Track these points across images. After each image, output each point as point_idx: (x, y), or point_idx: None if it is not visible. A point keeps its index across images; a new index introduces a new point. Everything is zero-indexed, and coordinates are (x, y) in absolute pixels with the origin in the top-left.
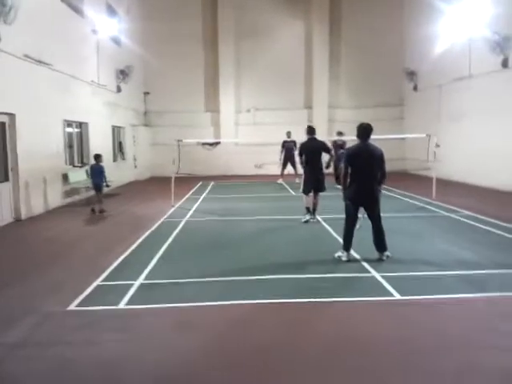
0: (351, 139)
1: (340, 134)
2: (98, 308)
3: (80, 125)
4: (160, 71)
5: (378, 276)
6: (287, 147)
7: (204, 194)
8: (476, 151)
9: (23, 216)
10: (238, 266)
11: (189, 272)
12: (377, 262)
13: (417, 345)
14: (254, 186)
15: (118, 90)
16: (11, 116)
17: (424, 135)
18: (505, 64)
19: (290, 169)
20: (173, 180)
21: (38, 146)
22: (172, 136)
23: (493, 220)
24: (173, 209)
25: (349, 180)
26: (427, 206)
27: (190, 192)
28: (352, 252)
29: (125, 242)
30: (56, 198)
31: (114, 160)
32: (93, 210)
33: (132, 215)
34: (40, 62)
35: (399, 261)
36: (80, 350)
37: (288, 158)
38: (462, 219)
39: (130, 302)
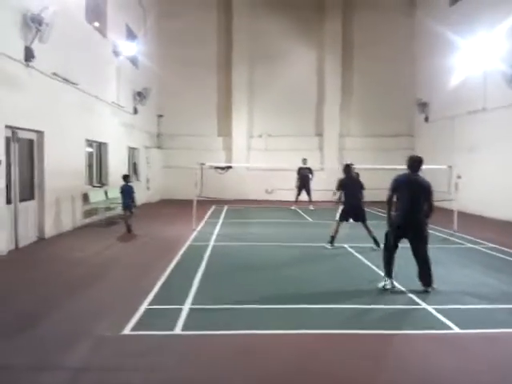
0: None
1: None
2: (153, 333)
3: (99, 145)
4: (174, 94)
5: (429, 308)
6: (302, 174)
7: (221, 219)
8: (491, 184)
9: (47, 235)
10: (279, 293)
11: (232, 297)
12: (423, 294)
13: (491, 379)
14: (268, 211)
15: (135, 111)
16: (39, 133)
17: (445, 166)
18: None
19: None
20: (194, 203)
21: (63, 164)
22: (184, 159)
23: None
24: (195, 232)
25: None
26: (451, 238)
27: (206, 216)
28: (395, 283)
29: (158, 264)
30: (77, 218)
31: (130, 181)
32: (128, 231)
33: (156, 237)
34: (67, 80)
35: (444, 293)
36: (148, 375)
37: (303, 185)
38: (488, 251)
39: (185, 328)
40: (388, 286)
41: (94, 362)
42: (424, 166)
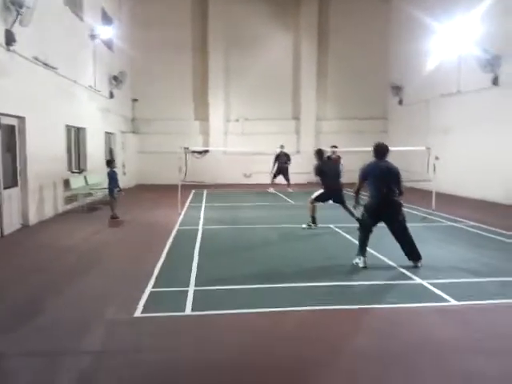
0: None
1: (334, 147)
2: (165, 314)
3: (78, 130)
4: (149, 79)
5: (424, 282)
6: (280, 161)
7: (204, 203)
8: (464, 164)
9: (31, 222)
10: (276, 272)
11: (231, 278)
12: (414, 269)
13: (491, 345)
14: (248, 195)
15: (111, 95)
16: (21, 119)
17: (423, 148)
18: (495, 82)
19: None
20: (179, 188)
21: (44, 150)
22: (159, 144)
23: (497, 229)
24: (181, 216)
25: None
26: (430, 217)
27: (188, 200)
28: (385, 259)
29: (152, 249)
30: (59, 204)
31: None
32: (113, 217)
33: (143, 222)
34: (46, 65)
35: (434, 268)
36: (169, 355)
37: (281, 169)
38: (468, 229)
39: (194, 308)
40: (361, 265)
41: (114, 344)
42: (402, 148)
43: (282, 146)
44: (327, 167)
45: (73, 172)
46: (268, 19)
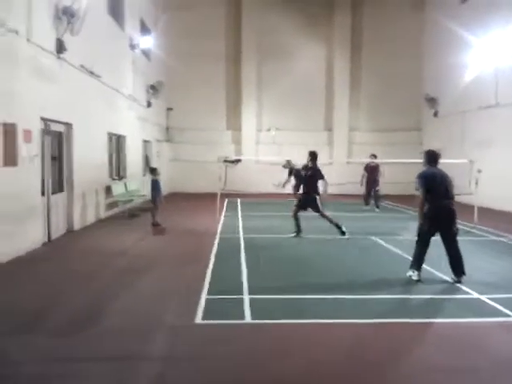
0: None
1: (373, 156)
2: (226, 322)
3: (118, 138)
4: (183, 88)
5: (482, 297)
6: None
7: (239, 212)
8: (503, 178)
9: (75, 227)
10: (328, 283)
11: (282, 287)
12: (470, 284)
13: None
14: (282, 204)
15: (148, 104)
16: (68, 126)
17: (466, 161)
18: None
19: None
20: (219, 196)
21: (89, 157)
22: (192, 152)
23: None
24: (220, 225)
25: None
26: (473, 231)
27: (224, 209)
28: (437, 273)
29: (199, 256)
30: (101, 210)
31: (144, 174)
32: (154, 224)
33: (185, 230)
34: (92, 73)
35: (488, 283)
36: (239, 362)
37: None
38: (508, 242)
39: (254, 317)
40: (415, 278)
41: (179, 350)
42: (446, 160)
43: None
44: (304, 172)
45: (113, 179)
46: (301, 30)
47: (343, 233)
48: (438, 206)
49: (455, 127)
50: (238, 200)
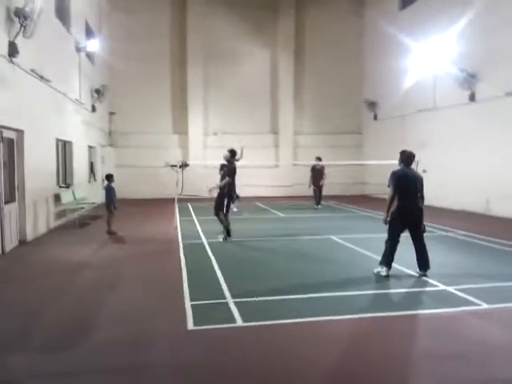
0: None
1: (318, 159)
2: (219, 326)
3: (64, 144)
4: (127, 91)
5: (450, 288)
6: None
7: (194, 217)
8: (441, 176)
9: (28, 238)
10: (301, 284)
11: (261, 289)
12: (436, 277)
13: None
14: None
15: (93, 109)
16: (20, 132)
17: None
18: (472, 98)
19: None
20: (176, 201)
21: (39, 164)
22: (137, 157)
23: (486, 237)
24: (179, 231)
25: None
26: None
27: (177, 214)
28: (403, 268)
29: (168, 263)
30: (51, 220)
31: (89, 181)
32: (110, 232)
33: (143, 237)
34: (42, 77)
35: (449, 275)
36: (244, 365)
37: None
38: (458, 237)
39: (245, 320)
40: (383, 273)
41: (183, 357)
42: (388, 162)
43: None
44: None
45: (60, 187)
46: (246, 34)
47: (226, 238)
48: (407, 205)
49: (394, 130)
50: (189, 205)
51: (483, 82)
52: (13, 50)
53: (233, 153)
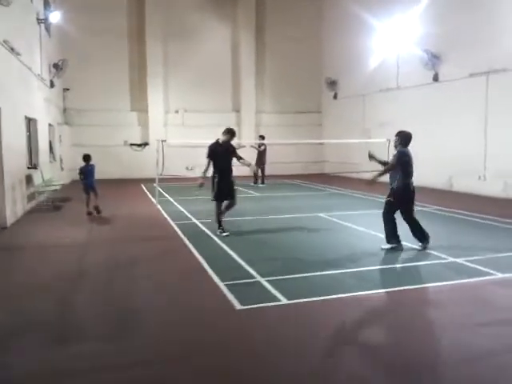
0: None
1: (261, 137)
2: (268, 305)
3: (29, 122)
4: (81, 67)
5: (459, 260)
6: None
7: (168, 197)
8: None
9: (8, 223)
10: (318, 259)
11: (282, 268)
12: (440, 250)
13: None
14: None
15: (52, 85)
16: None
17: (384, 140)
18: (435, 78)
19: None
20: (157, 181)
21: (14, 145)
22: (94, 136)
23: (459, 211)
24: (162, 211)
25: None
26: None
27: (149, 195)
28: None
29: (173, 244)
30: (24, 202)
31: (50, 161)
32: (90, 213)
33: (128, 218)
34: (13, 50)
35: (452, 247)
36: (311, 341)
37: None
38: (437, 212)
39: (288, 297)
40: (394, 245)
41: (247, 337)
42: (361, 140)
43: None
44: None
45: (28, 168)
46: (207, 10)
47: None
48: (408, 184)
49: (355, 109)
50: (155, 185)
51: (447, 62)
52: None
53: (231, 133)
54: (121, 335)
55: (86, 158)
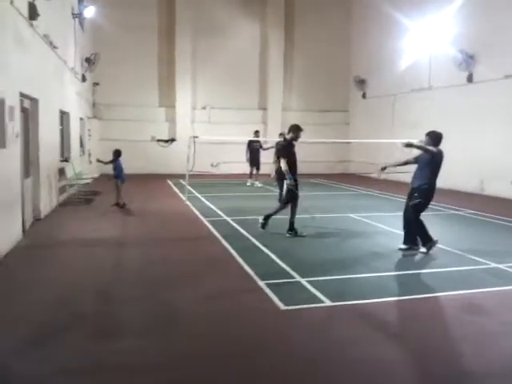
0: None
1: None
2: (312, 306)
3: (63, 115)
4: (112, 62)
5: (502, 267)
6: (252, 148)
7: (197, 193)
8: None
9: (42, 215)
10: (353, 262)
11: (320, 268)
12: (475, 253)
13: None
14: (234, 186)
15: (83, 79)
16: (34, 101)
17: (417, 141)
18: (469, 79)
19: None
20: (187, 177)
21: (49, 137)
22: (122, 131)
23: (494, 215)
24: (191, 207)
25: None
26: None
27: (177, 191)
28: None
29: (207, 240)
30: (56, 195)
31: (80, 155)
32: (118, 205)
33: (159, 213)
34: (51, 43)
35: (489, 252)
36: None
37: (254, 159)
38: (471, 216)
39: (331, 299)
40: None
41: (298, 339)
42: (385, 140)
43: (256, 133)
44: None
45: (61, 161)
46: (236, 7)
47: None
48: (435, 184)
49: (385, 109)
50: (181, 181)
51: (481, 63)
52: (33, 13)
53: (297, 129)
54: (165, 333)
55: (118, 152)
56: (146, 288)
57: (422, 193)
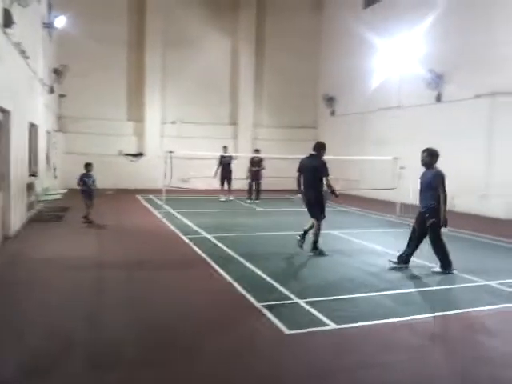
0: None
1: (257, 151)
2: (317, 329)
3: (31, 128)
4: (78, 73)
5: (493, 284)
6: (224, 163)
7: (171, 209)
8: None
9: (11, 233)
10: (350, 281)
11: (315, 289)
12: (466, 272)
13: None
14: (206, 201)
15: (51, 90)
16: (6, 114)
17: (390, 158)
18: (438, 99)
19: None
20: (164, 192)
21: (19, 151)
22: (89, 144)
23: (471, 232)
24: (170, 224)
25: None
26: (405, 223)
27: (150, 207)
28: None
29: (191, 259)
30: (25, 212)
31: (47, 170)
32: (89, 221)
33: (136, 229)
34: (24, 52)
35: (476, 270)
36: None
37: (225, 174)
38: (465, 236)
39: (334, 322)
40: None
41: (310, 364)
42: (368, 157)
43: (225, 148)
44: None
45: (29, 175)
46: (207, 22)
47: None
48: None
49: (353, 126)
50: (152, 197)
51: (450, 83)
52: (8, 20)
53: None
54: (166, 361)
55: (88, 165)
56: (138, 316)
57: (432, 212)
